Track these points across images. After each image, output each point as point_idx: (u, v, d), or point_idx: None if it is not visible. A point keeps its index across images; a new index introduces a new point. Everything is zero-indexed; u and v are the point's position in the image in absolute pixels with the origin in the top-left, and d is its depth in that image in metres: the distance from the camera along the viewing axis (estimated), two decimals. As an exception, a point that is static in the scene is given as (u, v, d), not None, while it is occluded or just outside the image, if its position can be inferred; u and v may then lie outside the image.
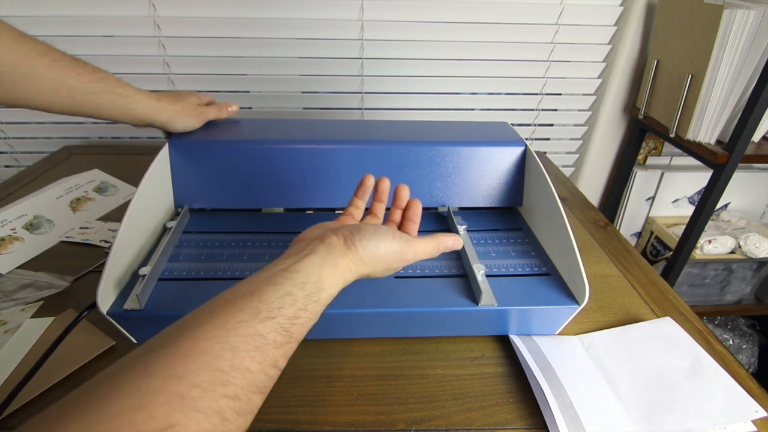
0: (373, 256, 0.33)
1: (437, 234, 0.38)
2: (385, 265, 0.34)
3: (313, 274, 0.29)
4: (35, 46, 0.41)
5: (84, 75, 0.43)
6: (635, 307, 0.50)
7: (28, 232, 0.58)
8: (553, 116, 1.03)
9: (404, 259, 0.35)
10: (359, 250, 0.32)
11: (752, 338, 1.16)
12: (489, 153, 0.54)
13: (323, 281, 0.29)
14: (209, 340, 0.22)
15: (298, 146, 0.52)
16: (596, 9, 0.89)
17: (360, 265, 0.32)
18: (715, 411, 0.37)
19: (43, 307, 0.47)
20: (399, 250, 0.34)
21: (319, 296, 0.28)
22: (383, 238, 0.33)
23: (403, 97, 0.95)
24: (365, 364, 0.42)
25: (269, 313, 0.25)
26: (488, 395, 0.39)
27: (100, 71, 0.45)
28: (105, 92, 0.45)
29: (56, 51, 0.43)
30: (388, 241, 0.34)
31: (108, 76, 0.46)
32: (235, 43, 0.87)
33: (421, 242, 0.36)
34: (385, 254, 0.33)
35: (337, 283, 0.30)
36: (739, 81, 0.77)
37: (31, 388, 0.37)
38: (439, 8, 0.86)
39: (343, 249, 0.32)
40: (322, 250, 0.31)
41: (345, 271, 0.31)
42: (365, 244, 0.32)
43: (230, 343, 0.22)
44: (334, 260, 0.30)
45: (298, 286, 0.27)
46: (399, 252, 0.34)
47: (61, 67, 0.42)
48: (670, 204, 1.13)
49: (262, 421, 0.36)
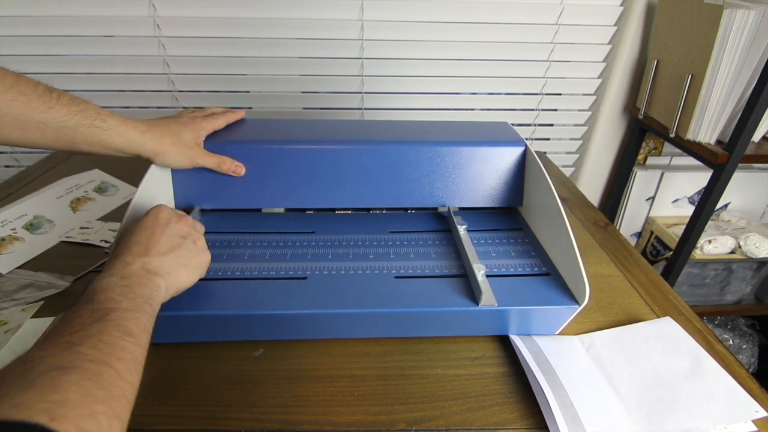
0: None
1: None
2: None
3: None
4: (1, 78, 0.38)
5: (56, 108, 0.40)
6: (635, 307, 0.50)
7: (28, 232, 0.58)
8: (553, 116, 1.03)
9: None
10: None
11: (752, 338, 1.16)
12: (489, 153, 0.54)
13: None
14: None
15: (298, 146, 0.52)
16: (596, 9, 0.89)
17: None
18: (716, 411, 0.37)
19: (43, 307, 0.47)
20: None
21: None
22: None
23: (403, 97, 0.95)
24: (365, 364, 0.42)
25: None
26: (488, 395, 0.39)
27: (80, 102, 0.42)
28: (81, 126, 0.41)
29: (27, 82, 0.39)
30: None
31: (88, 107, 0.42)
32: (235, 43, 0.87)
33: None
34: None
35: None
36: (739, 81, 0.77)
37: (31, 388, 0.37)
38: (439, 8, 0.86)
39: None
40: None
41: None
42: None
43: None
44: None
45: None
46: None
47: (28, 102, 0.39)
48: (670, 204, 1.13)
49: (262, 421, 0.36)
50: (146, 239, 0.35)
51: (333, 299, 0.41)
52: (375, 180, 0.53)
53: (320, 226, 0.52)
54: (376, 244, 0.49)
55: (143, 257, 0.34)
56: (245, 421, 0.36)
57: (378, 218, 0.55)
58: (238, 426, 0.36)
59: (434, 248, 0.49)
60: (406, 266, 0.46)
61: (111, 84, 0.89)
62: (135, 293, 0.31)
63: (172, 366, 0.41)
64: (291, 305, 0.40)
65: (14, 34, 0.83)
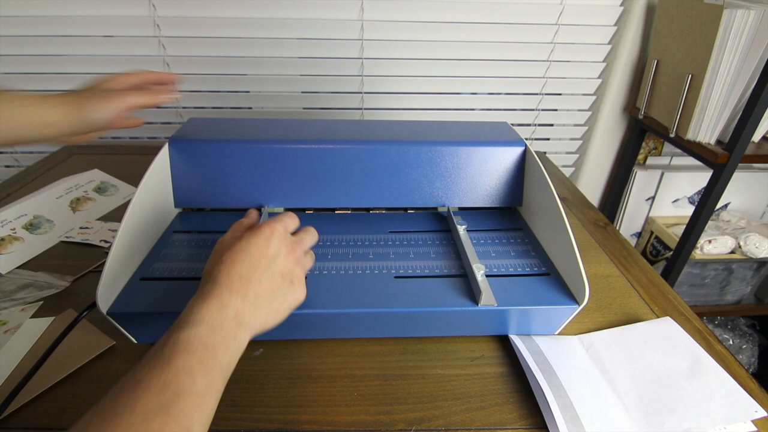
0: None
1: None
2: None
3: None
4: None
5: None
6: (635, 307, 0.50)
7: (28, 232, 0.58)
8: (553, 116, 1.03)
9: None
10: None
11: (752, 338, 1.16)
12: (489, 153, 0.54)
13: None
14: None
15: (298, 146, 0.52)
16: (596, 9, 0.89)
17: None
18: (715, 411, 0.37)
19: (43, 307, 0.47)
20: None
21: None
22: None
23: (403, 97, 0.95)
24: (365, 364, 0.42)
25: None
26: (488, 395, 0.39)
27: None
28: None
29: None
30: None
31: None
32: (235, 43, 0.87)
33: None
34: None
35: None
36: (739, 81, 0.77)
37: (32, 388, 0.37)
38: (439, 8, 0.86)
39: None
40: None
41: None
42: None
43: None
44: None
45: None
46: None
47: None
48: (670, 204, 1.13)
49: (262, 421, 0.36)
50: (248, 272, 0.32)
51: (333, 299, 0.41)
52: (375, 180, 0.53)
53: (320, 226, 0.52)
54: (376, 244, 0.49)
55: (240, 300, 0.31)
56: (245, 421, 0.36)
57: (378, 218, 0.55)
58: (238, 426, 0.36)
59: (434, 248, 0.49)
60: (406, 266, 0.46)
61: (111, 84, 0.89)
62: (216, 361, 0.28)
63: (172, 366, 0.41)
64: (291, 305, 0.40)
65: (14, 34, 0.83)
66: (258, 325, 0.32)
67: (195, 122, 0.58)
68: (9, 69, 0.86)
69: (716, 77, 0.76)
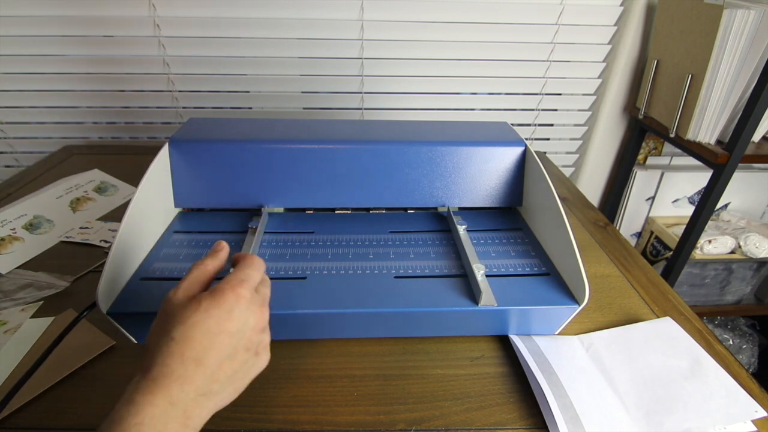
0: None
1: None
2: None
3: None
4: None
5: None
6: (635, 307, 0.50)
7: (27, 232, 0.58)
8: (553, 116, 1.03)
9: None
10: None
11: (752, 338, 1.16)
12: (489, 153, 0.54)
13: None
14: None
15: (298, 146, 0.52)
16: (596, 9, 0.89)
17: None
18: (715, 411, 0.37)
19: (43, 307, 0.47)
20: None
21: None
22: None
23: (403, 97, 0.95)
24: (365, 364, 0.42)
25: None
26: (488, 395, 0.39)
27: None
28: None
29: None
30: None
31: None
32: (235, 43, 0.87)
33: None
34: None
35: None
36: (739, 81, 0.77)
37: (32, 388, 0.37)
38: (439, 8, 0.86)
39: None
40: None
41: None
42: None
43: None
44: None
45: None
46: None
47: None
48: (670, 204, 1.13)
49: (262, 421, 0.36)
50: (205, 355, 0.27)
51: (333, 299, 0.41)
52: (375, 180, 0.53)
53: (320, 226, 0.52)
54: (376, 244, 0.49)
55: (192, 393, 0.26)
56: (245, 421, 0.36)
57: (378, 218, 0.55)
58: (238, 426, 0.36)
59: (434, 248, 0.49)
60: (406, 266, 0.46)
61: (111, 84, 0.89)
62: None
63: (171, 366, 0.41)
64: (291, 305, 0.40)
65: (14, 34, 0.83)
66: (207, 416, 0.27)
67: (195, 122, 0.58)
68: (9, 69, 0.86)
69: (716, 77, 0.76)
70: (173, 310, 0.28)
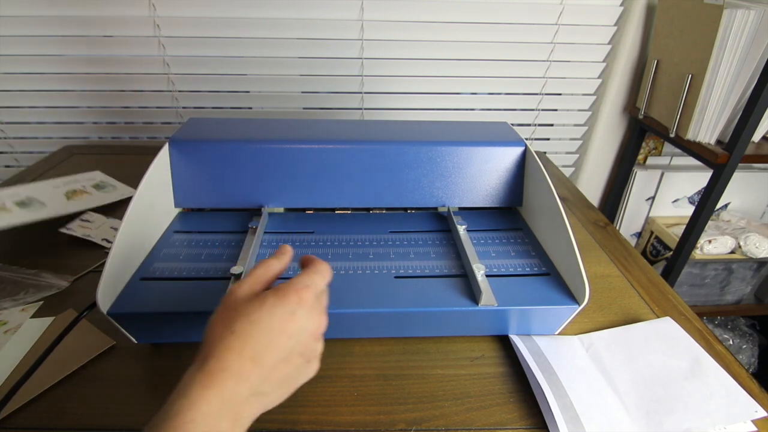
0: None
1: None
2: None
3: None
4: None
5: None
6: (635, 307, 0.50)
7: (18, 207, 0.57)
8: (553, 116, 1.03)
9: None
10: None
11: (752, 338, 1.16)
12: (489, 153, 0.54)
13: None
14: None
15: (298, 146, 0.52)
16: (596, 9, 0.89)
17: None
18: (715, 411, 0.37)
19: (43, 307, 0.47)
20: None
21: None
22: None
23: (403, 97, 0.95)
24: (365, 364, 0.42)
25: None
26: (488, 395, 0.39)
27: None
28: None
29: None
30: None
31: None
32: (235, 43, 0.87)
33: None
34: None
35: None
36: (739, 81, 0.77)
37: (32, 388, 0.37)
38: (439, 8, 0.86)
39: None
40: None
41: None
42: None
43: None
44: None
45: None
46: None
47: None
48: (670, 204, 1.13)
49: (262, 421, 0.36)
50: (263, 353, 0.26)
51: (333, 299, 0.41)
52: (375, 180, 0.53)
53: (320, 226, 0.52)
54: (376, 244, 0.49)
55: (245, 391, 0.25)
56: (245, 421, 0.36)
57: (378, 218, 0.55)
58: (238, 426, 0.36)
59: (434, 248, 0.49)
60: (406, 266, 0.46)
61: (111, 84, 0.89)
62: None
63: (172, 366, 0.41)
64: (291, 305, 0.40)
65: (14, 34, 0.83)
66: (254, 417, 0.27)
67: (195, 122, 0.58)
68: (9, 69, 0.86)
69: (716, 77, 0.76)
70: (235, 304, 0.27)
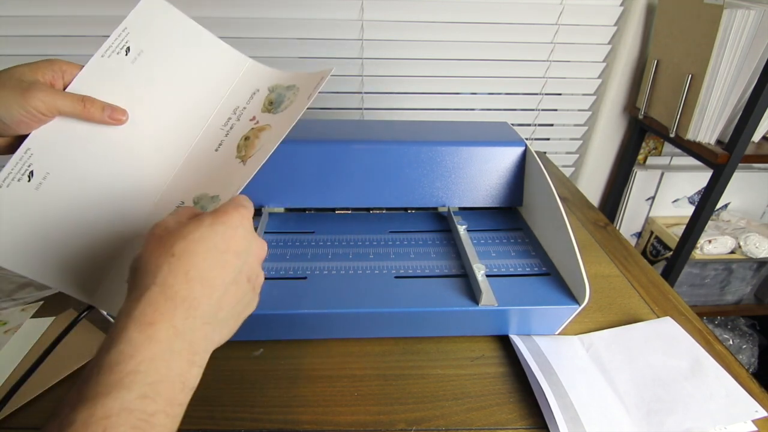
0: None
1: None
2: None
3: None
4: None
5: None
6: (635, 307, 0.50)
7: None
8: (553, 116, 1.03)
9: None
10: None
11: (752, 338, 1.16)
12: (489, 153, 0.54)
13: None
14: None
15: (298, 146, 0.52)
16: (596, 9, 0.89)
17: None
18: (715, 411, 0.37)
19: (43, 307, 0.47)
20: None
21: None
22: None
23: (403, 97, 0.95)
24: (365, 364, 0.42)
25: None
26: (488, 395, 0.39)
27: None
28: None
29: None
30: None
31: None
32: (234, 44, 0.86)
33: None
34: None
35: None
36: (739, 81, 0.77)
37: (32, 388, 0.37)
38: (439, 8, 0.86)
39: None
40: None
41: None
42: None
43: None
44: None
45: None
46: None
47: None
48: (670, 204, 1.13)
49: (262, 421, 0.36)
50: (212, 274, 0.23)
51: (333, 299, 0.41)
52: (375, 180, 0.53)
53: (320, 226, 0.52)
54: (376, 244, 0.49)
55: (199, 321, 0.22)
56: (245, 421, 0.36)
57: (378, 218, 0.55)
58: (238, 426, 0.36)
59: (434, 248, 0.49)
60: (406, 266, 0.46)
61: (111, 84, 0.89)
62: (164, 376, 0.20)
63: (172, 366, 0.41)
64: (291, 305, 0.40)
65: (14, 34, 0.83)
66: (208, 353, 0.23)
67: (195, 122, 0.58)
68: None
69: (716, 77, 0.76)
70: (168, 230, 0.24)
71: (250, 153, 0.39)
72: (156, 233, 0.24)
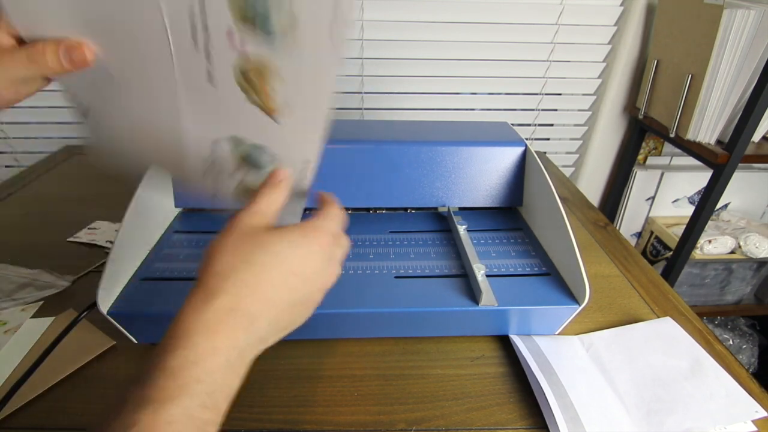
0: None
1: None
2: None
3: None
4: None
5: None
6: (635, 307, 0.50)
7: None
8: (553, 116, 1.03)
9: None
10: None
11: (752, 338, 1.16)
12: (489, 153, 0.54)
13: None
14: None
15: (298, 146, 0.52)
16: (596, 9, 0.89)
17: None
18: (715, 411, 0.37)
19: (43, 307, 0.47)
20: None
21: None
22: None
23: (403, 97, 0.95)
24: (365, 364, 0.42)
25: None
26: (488, 395, 0.39)
27: None
28: None
29: None
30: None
31: None
32: (235, 43, 0.86)
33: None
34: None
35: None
36: (739, 81, 0.77)
37: (32, 388, 0.37)
38: (439, 8, 0.86)
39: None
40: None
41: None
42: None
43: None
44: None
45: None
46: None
47: None
48: (670, 204, 1.13)
49: (262, 421, 0.36)
50: (278, 295, 0.24)
51: (333, 299, 0.41)
52: (375, 180, 0.53)
53: (320, 226, 0.52)
54: (376, 244, 0.49)
55: (259, 340, 0.23)
56: (245, 421, 0.36)
57: (378, 218, 0.55)
58: (238, 426, 0.36)
59: (434, 248, 0.49)
60: (406, 266, 0.46)
61: (111, 84, 0.89)
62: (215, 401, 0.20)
63: (172, 366, 0.41)
64: (291, 305, 0.40)
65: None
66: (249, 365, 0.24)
67: (195, 122, 0.58)
68: None
69: (716, 77, 0.76)
70: (252, 231, 0.24)
71: (269, 104, 0.28)
72: (239, 228, 0.24)
